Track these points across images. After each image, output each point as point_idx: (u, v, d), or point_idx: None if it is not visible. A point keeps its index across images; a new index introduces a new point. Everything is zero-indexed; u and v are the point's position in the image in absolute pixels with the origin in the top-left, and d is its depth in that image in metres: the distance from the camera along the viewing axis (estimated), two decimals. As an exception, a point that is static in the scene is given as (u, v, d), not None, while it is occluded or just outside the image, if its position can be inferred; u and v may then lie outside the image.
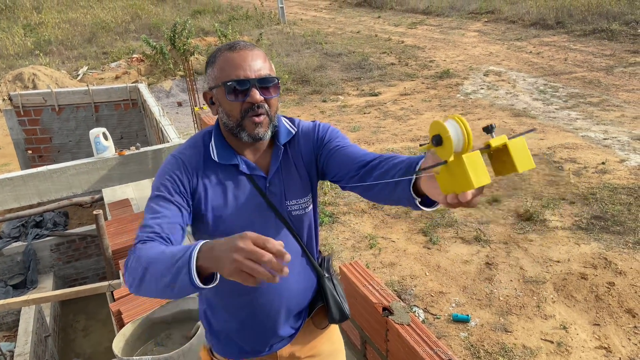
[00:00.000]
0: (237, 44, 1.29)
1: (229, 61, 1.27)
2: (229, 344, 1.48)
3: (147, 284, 1.07)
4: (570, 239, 5.00)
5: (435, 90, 11.44)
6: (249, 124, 1.28)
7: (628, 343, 3.73)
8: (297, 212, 1.39)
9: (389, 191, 1.16)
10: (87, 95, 8.57)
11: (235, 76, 1.25)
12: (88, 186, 4.19)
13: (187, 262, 0.97)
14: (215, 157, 1.32)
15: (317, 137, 1.42)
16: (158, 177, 1.31)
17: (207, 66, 1.35)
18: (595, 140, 7.50)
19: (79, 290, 3.73)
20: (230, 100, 1.26)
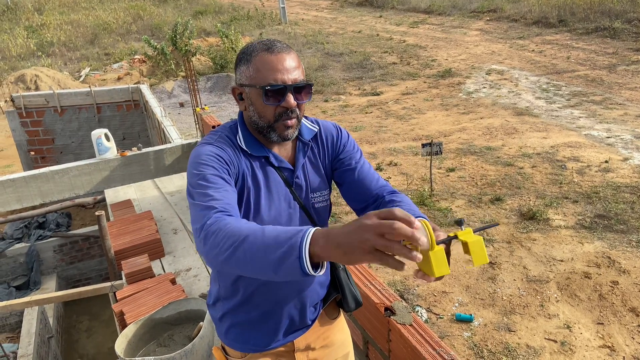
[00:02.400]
0: (275, 45, 1.28)
1: (267, 63, 1.26)
2: (247, 338, 1.50)
3: (238, 260, 1.02)
4: (573, 238, 4.98)
5: (437, 89, 11.42)
6: (281, 127, 1.31)
7: (632, 342, 3.71)
8: (320, 204, 1.46)
9: None
10: (89, 96, 8.58)
11: (272, 80, 1.25)
12: (90, 187, 4.19)
13: (298, 248, 0.94)
14: (246, 149, 1.34)
15: (339, 142, 1.48)
16: (200, 163, 1.25)
17: (240, 62, 1.32)
18: (598, 139, 7.47)
19: (81, 291, 3.73)
20: (265, 104, 1.28)
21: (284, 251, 0.95)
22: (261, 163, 1.36)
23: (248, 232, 1.02)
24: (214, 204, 1.16)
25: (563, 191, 5.96)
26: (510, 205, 5.78)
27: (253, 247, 1.00)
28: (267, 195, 1.36)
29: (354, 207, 1.49)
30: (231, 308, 1.50)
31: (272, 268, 0.97)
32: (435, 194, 6.20)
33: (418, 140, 8.20)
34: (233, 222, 1.08)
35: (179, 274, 3.80)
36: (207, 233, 1.08)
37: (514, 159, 7.02)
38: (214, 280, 1.55)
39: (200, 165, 1.25)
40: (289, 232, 0.98)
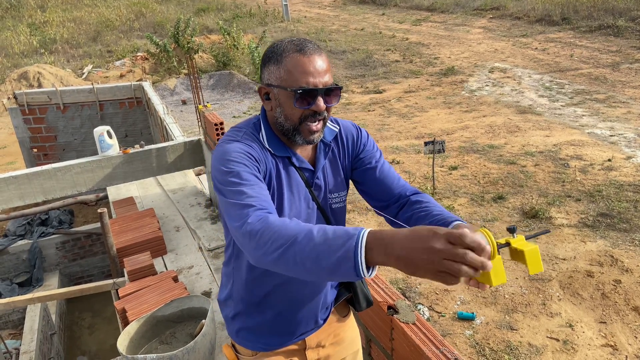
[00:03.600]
0: (306, 46, 1.25)
1: (299, 66, 1.24)
2: (259, 338, 1.51)
3: (288, 262, 1.02)
4: (576, 237, 4.97)
5: (440, 87, 11.40)
6: (305, 130, 1.30)
7: (635, 341, 3.70)
8: (337, 205, 1.47)
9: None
10: (92, 93, 8.58)
11: (304, 83, 1.24)
12: (92, 184, 4.19)
13: (353, 256, 0.93)
14: (270, 148, 1.33)
15: (359, 142, 1.48)
16: (230, 160, 1.23)
17: (269, 61, 1.29)
18: (602, 137, 7.45)
19: (83, 288, 3.74)
20: (295, 107, 1.26)
21: (338, 257, 0.94)
22: (284, 163, 1.36)
23: (296, 233, 1.01)
24: (251, 201, 1.14)
25: (566, 190, 5.94)
26: (512, 203, 5.77)
27: (304, 251, 0.99)
28: (289, 195, 1.36)
29: (373, 205, 1.49)
30: (244, 309, 1.50)
31: (326, 273, 0.98)
32: (438, 192, 6.19)
33: (420, 138, 8.18)
34: (277, 222, 1.06)
35: (181, 271, 3.80)
36: (250, 232, 1.07)
37: (517, 157, 7.01)
38: (227, 277, 1.54)
39: (230, 162, 1.23)
40: (341, 236, 0.96)
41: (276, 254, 1.02)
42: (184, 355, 2.50)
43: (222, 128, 4.03)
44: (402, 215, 1.40)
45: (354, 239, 0.93)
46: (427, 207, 1.35)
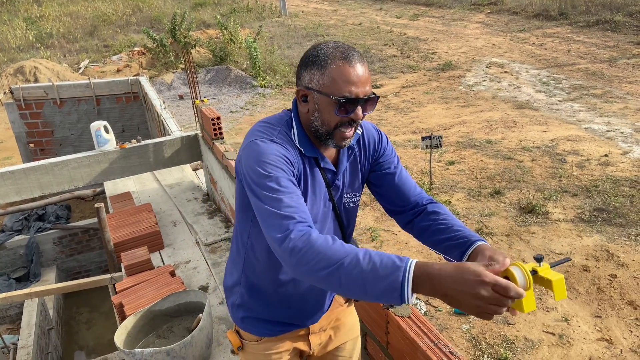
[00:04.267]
0: (352, 55, 1.25)
1: (344, 75, 1.24)
2: (266, 324, 1.54)
3: (331, 283, 1.07)
4: (572, 232, 4.99)
5: (438, 82, 11.39)
6: (339, 136, 1.31)
7: (630, 335, 3.73)
8: (351, 204, 1.49)
9: (431, 244, 1.39)
10: (89, 88, 8.56)
11: (347, 93, 1.24)
12: (89, 179, 4.18)
13: (401, 285, 0.99)
14: (300, 148, 1.34)
15: (380, 146, 1.50)
16: (267, 162, 1.23)
17: (312, 65, 1.27)
18: (598, 133, 7.46)
19: (80, 283, 3.74)
20: (335, 114, 1.27)
21: (385, 287, 1.00)
22: (310, 163, 1.36)
23: (343, 258, 1.05)
24: (291, 212, 1.16)
25: (562, 185, 5.96)
26: (509, 198, 5.78)
27: (350, 276, 1.03)
28: (312, 195, 1.37)
29: (386, 208, 1.53)
30: (253, 298, 1.52)
31: (370, 298, 1.04)
32: (435, 187, 6.20)
33: (418, 133, 8.19)
34: (321, 241, 1.09)
35: (178, 266, 3.81)
36: (293, 249, 1.10)
37: (514, 152, 7.02)
38: (235, 265, 1.54)
39: (267, 165, 1.23)
40: (388, 266, 1.01)
41: (321, 274, 1.07)
42: (181, 349, 2.51)
43: (219, 123, 4.03)
44: (419, 223, 1.44)
45: (402, 272, 1.00)
46: (445, 219, 1.38)
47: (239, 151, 1.35)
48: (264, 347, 1.56)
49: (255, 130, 1.34)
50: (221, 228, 4.30)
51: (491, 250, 1.18)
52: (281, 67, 13.46)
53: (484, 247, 1.22)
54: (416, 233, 1.47)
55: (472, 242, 1.26)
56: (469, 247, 1.26)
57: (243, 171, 1.28)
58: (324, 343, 1.65)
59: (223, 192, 4.26)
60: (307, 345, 1.61)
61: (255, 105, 11.34)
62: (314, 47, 1.29)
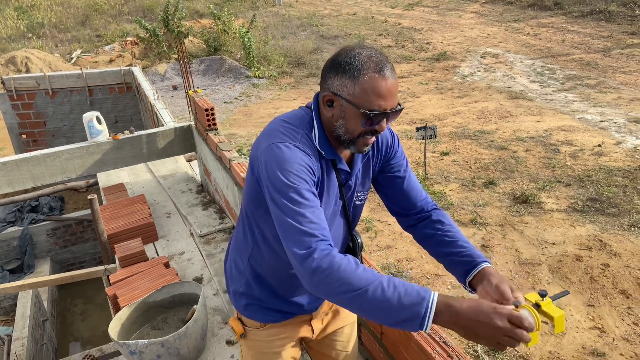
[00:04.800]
0: (385, 67, 1.23)
1: (376, 88, 1.22)
2: (270, 311, 1.55)
3: (352, 307, 1.13)
4: (565, 221, 5.02)
5: (432, 72, 11.37)
6: (361, 143, 1.32)
7: (622, 323, 3.76)
8: (359, 202, 1.51)
9: (434, 253, 1.44)
10: (81, 78, 8.48)
11: (377, 106, 1.24)
12: (82, 170, 4.15)
13: (423, 316, 1.05)
14: (320, 150, 1.33)
15: (392, 148, 1.51)
16: (290, 172, 1.23)
17: (344, 72, 1.24)
18: (592, 123, 7.48)
19: (75, 274, 3.72)
20: (361, 126, 1.27)
21: (407, 316, 1.06)
22: (327, 164, 1.37)
23: (367, 285, 1.09)
24: (313, 230, 1.18)
25: (556, 175, 5.98)
26: (503, 188, 5.81)
27: (373, 302, 1.08)
28: (326, 195, 1.37)
29: (391, 209, 1.56)
30: (258, 287, 1.53)
31: (390, 324, 1.10)
32: (430, 177, 6.21)
33: (412, 124, 8.18)
34: (344, 264, 1.13)
35: (172, 257, 3.80)
36: (316, 269, 1.13)
37: (508, 142, 7.03)
38: (239, 254, 1.54)
39: (290, 174, 1.22)
40: (412, 296, 1.07)
41: (343, 297, 1.12)
42: (176, 340, 2.51)
43: (213, 113, 4.00)
44: (422, 229, 1.49)
45: (425, 303, 1.06)
46: (450, 231, 1.43)
47: (256, 145, 1.33)
48: (267, 334, 1.57)
49: (277, 130, 1.31)
50: (215, 219, 4.29)
51: (497, 278, 1.24)
52: (275, 57, 13.39)
53: (489, 272, 1.28)
54: (418, 238, 1.51)
55: (478, 263, 1.31)
56: (474, 268, 1.31)
57: (262, 172, 1.26)
58: (324, 327, 1.68)
59: (217, 184, 4.25)
60: (309, 331, 1.63)
61: (250, 95, 11.29)
62: (347, 53, 1.26)
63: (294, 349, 1.63)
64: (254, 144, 1.36)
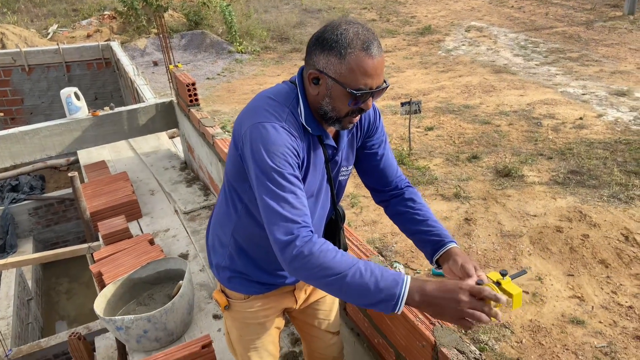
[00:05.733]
0: (372, 45, 1.22)
1: (363, 67, 1.21)
2: (253, 283, 1.56)
3: (331, 290, 1.19)
4: (547, 194, 5.09)
5: (417, 47, 11.31)
6: (347, 122, 1.32)
7: (601, 292, 3.86)
8: (343, 177, 1.52)
9: (404, 230, 1.51)
10: (58, 54, 8.27)
11: (363, 85, 1.23)
12: (62, 148, 4.08)
13: (396, 300, 1.13)
14: (307, 126, 1.33)
15: (375, 124, 1.52)
16: (275, 154, 1.23)
17: (330, 50, 1.22)
18: (574, 96, 7.54)
19: (58, 253, 3.70)
20: (347, 105, 1.27)
21: (382, 298, 1.13)
22: (314, 140, 1.36)
23: (346, 270, 1.15)
24: (295, 216, 1.20)
25: (538, 148, 6.04)
26: (486, 163, 5.85)
27: (352, 286, 1.15)
28: (312, 170, 1.38)
29: (366, 182, 1.60)
30: (242, 260, 1.53)
31: (364, 305, 1.17)
32: (414, 153, 6.23)
33: (397, 99, 8.16)
34: (324, 250, 1.17)
35: (157, 234, 3.78)
36: (298, 255, 1.17)
37: (491, 117, 7.07)
38: (223, 228, 1.54)
39: (276, 157, 1.23)
40: (387, 280, 1.14)
41: (322, 281, 1.17)
42: (162, 315, 2.52)
43: (195, 89, 3.94)
44: (395, 206, 1.54)
45: (399, 286, 1.13)
46: (421, 210, 1.49)
47: (240, 121, 1.31)
48: (250, 305, 1.58)
49: (262, 107, 1.30)
50: (200, 196, 4.27)
51: (462, 257, 1.31)
52: (258, 31, 13.18)
53: (455, 252, 1.35)
54: (390, 213, 1.57)
55: (445, 243, 1.38)
56: (442, 247, 1.38)
57: (247, 151, 1.26)
58: (307, 296, 1.70)
59: (201, 160, 4.21)
60: (293, 301, 1.65)
61: (233, 71, 11.13)
62: (333, 30, 1.23)
63: (277, 319, 1.66)
64: (238, 119, 1.34)
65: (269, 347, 1.67)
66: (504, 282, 1.23)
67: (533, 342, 3.49)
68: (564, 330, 3.54)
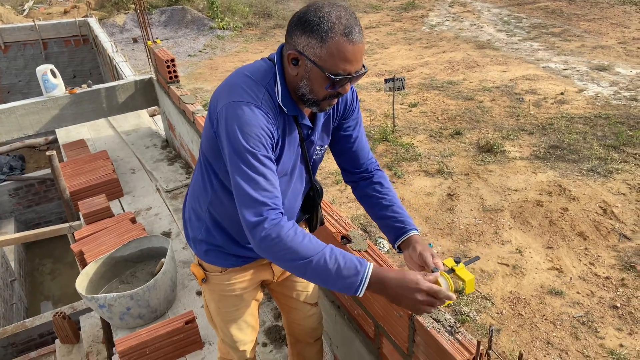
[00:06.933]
0: (354, 31, 1.21)
1: (343, 52, 1.20)
2: (229, 256, 1.58)
3: (296, 272, 1.24)
4: (527, 169, 5.15)
5: (401, 22, 11.23)
6: (325, 104, 1.33)
7: (579, 264, 3.95)
8: (318, 156, 1.55)
9: (370, 213, 1.58)
10: (34, 31, 8.06)
11: (342, 70, 1.23)
12: (40, 127, 4.00)
13: (357, 285, 1.19)
14: (283, 107, 1.33)
15: (352, 106, 1.53)
16: (250, 135, 1.24)
17: (311, 32, 1.21)
18: (556, 71, 7.58)
19: (39, 232, 3.66)
20: (325, 88, 1.27)
21: (344, 284, 1.20)
22: (289, 120, 1.37)
23: (312, 256, 1.20)
24: (265, 198, 1.23)
25: (520, 124, 6.09)
26: (469, 138, 5.89)
27: (316, 271, 1.20)
28: (287, 149, 1.39)
29: (337, 162, 1.63)
30: (218, 232, 1.54)
31: (329, 288, 1.23)
32: (398, 129, 6.24)
33: (381, 75, 8.13)
34: (291, 235, 1.21)
35: (139, 213, 3.76)
36: (266, 236, 1.21)
37: (474, 93, 7.08)
38: (199, 202, 1.55)
39: (250, 138, 1.23)
40: (349, 268, 1.20)
41: (289, 265, 1.22)
42: (145, 292, 2.52)
43: (174, 65, 3.88)
44: (363, 188, 1.60)
45: (361, 275, 1.20)
46: (387, 195, 1.55)
47: (217, 97, 1.32)
48: (228, 277, 1.60)
49: (239, 85, 1.30)
50: (182, 174, 4.24)
51: (422, 246, 1.39)
52: (240, 7, 12.95)
53: (416, 239, 1.43)
54: (357, 194, 1.63)
55: (407, 230, 1.46)
56: (404, 234, 1.46)
57: (222, 130, 1.26)
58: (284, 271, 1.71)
59: (182, 138, 4.17)
60: (270, 274, 1.67)
61: (215, 48, 10.96)
62: (316, 11, 1.22)
63: (255, 291, 1.68)
64: (215, 95, 1.34)
65: (248, 319, 1.69)
66: (458, 268, 1.33)
67: (513, 312, 3.57)
68: (542, 301, 3.63)
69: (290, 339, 1.95)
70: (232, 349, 1.73)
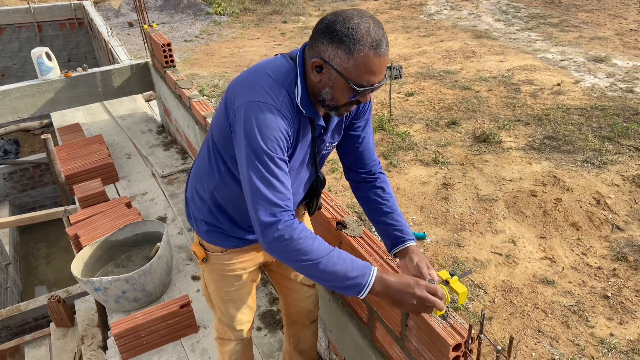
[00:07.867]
0: (382, 44, 1.22)
1: (369, 65, 1.22)
2: (230, 237, 1.60)
3: (303, 272, 1.30)
4: (523, 159, 5.17)
5: (399, 10, 11.17)
6: (343, 110, 1.36)
7: (571, 254, 3.99)
8: (326, 151, 1.58)
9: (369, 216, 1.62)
10: (29, 13, 7.97)
11: (366, 82, 1.25)
12: (34, 110, 3.98)
13: (362, 288, 1.26)
14: (301, 108, 1.34)
15: (364, 106, 1.54)
16: (269, 137, 1.26)
17: (339, 43, 1.21)
18: (553, 62, 7.58)
19: (34, 215, 3.66)
20: (348, 98, 1.29)
21: (349, 284, 1.26)
22: (304, 119, 1.39)
23: (320, 257, 1.25)
24: (279, 200, 1.27)
25: (516, 114, 6.10)
26: (465, 128, 5.90)
27: (324, 271, 1.26)
28: (300, 147, 1.42)
29: (342, 161, 1.66)
30: (219, 214, 1.57)
31: (334, 288, 1.29)
32: (394, 118, 6.24)
33: (378, 63, 8.09)
34: (302, 237, 1.26)
35: (134, 198, 3.76)
36: (279, 237, 1.26)
37: (471, 82, 7.08)
38: (203, 184, 1.56)
39: (269, 140, 1.26)
40: (356, 269, 1.26)
41: (297, 264, 1.27)
42: (140, 276, 2.53)
43: (170, 49, 3.86)
44: (365, 190, 1.63)
45: (366, 277, 1.26)
46: (388, 201, 1.59)
47: (235, 90, 1.32)
48: (228, 257, 1.63)
49: (260, 85, 1.29)
50: (178, 160, 4.24)
51: (418, 257, 1.44)
52: (237, -7, 12.83)
53: (412, 250, 1.48)
54: (358, 195, 1.66)
55: (405, 240, 1.51)
56: (401, 244, 1.50)
57: (239, 127, 1.27)
58: None
59: (178, 123, 4.16)
60: (269, 256, 1.71)
61: (211, 34, 10.88)
62: (344, 22, 1.21)
63: (254, 272, 1.71)
64: (232, 87, 1.34)
65: (246, 299, 1.72)
66: (452, 281, 1.41)
67: (505, 301, 3.61)
68: (534, 290, 3.67)
69: (286, 321, 1.98)
70: (230, 328, 1.75)
